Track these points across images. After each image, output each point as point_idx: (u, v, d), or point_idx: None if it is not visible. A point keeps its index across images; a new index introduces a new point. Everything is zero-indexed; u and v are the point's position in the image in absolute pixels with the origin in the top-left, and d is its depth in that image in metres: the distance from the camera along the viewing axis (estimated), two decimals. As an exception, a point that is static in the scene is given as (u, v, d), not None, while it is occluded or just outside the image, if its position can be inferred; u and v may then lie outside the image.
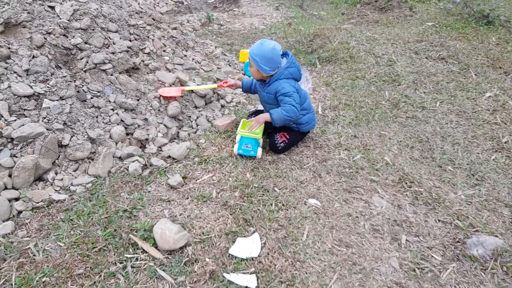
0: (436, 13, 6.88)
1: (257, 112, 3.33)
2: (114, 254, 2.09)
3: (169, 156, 2.98)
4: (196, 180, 2.70)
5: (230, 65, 4.77)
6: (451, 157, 2.98)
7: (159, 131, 3.15)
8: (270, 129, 3.13)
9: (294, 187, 2.65)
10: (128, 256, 2.08)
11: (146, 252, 2.11)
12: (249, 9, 9.33)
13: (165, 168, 2.83)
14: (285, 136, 3.01)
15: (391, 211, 2.47)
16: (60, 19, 3.17)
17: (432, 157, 2.98)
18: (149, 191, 2.61)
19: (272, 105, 2.98)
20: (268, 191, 2.59)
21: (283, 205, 2.49)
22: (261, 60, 2.76)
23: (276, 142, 2.98)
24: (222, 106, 3.76)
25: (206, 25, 7.78)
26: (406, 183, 2.69)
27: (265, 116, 2.90)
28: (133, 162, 2.86)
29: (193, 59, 3.98)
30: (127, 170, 2.78)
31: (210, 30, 7.40)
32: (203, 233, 2.24)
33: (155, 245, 2.15)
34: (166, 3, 10.37)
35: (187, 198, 2.54)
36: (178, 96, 3.37)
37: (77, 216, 2.34)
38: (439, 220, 2.41)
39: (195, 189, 2.60)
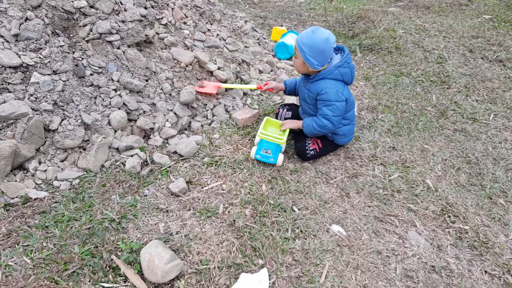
0: (494, 5, 6.08)
1: (287, 107, 2.83)
2: (90, 281, 1.68)
3: (175, 152, 2.53)
4: (202, 187, 2.25)
5: (259, 44, 4.23)
6: (504, 187, 2.44)
7: (167, 120, 2.69)
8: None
9: (317, 207, 2.18)
10: (106, 286, 1.66)
11: (128, 280, 1.70)
12: (287, -21, 8.59)
13: (169, 167, 2.39)
14: (317, 144, 2.54)
15: (429, 253, 1.99)
16: (64, -24, 2.68)
17: (481, 185, 2.44)
18: (145, 195, 2.18)
19: (309, 105, 2.51)
20: (285, 211, 2.12)
21: (301, 231, 2.03)
22: (310, 51, 2.25)
23: (306, 148, 2.50)
24: (245, 94, 3.26)
25: (239, -7, 7.16)
26: (449, 217, 2.19)
27: (298, 124, 2.49)
28: (131, 156, 2.42)
29: (217, 34, 3.46)
30: (124, 165, 2.35)
31: (243, -1, 6.80)
32: (201, 262, 1.81)
33: (141, 271, 1.73)
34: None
35: (189, 209, 2.10)
36: (212, 94, 2.93)
37: (55, 222, 1.94)
38: (485, 272, 1.92)
39: (199, 200, 2.16)
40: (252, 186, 2.26)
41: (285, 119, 2.75)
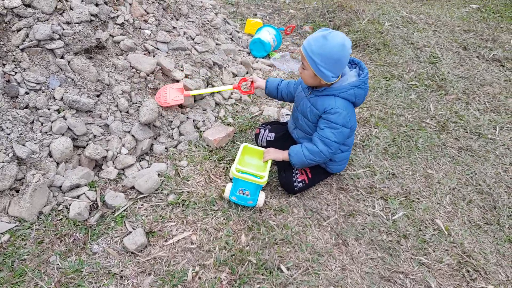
0: (481, -9, 5.76)
1: (269, 127, 2.41)
2: None
3: (133, 187, 2.09)
4: (166, 240, 1.84)
5: (232, 39, 3.75)
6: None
7: (123, 145, 2.24)
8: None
9: (309, 264, 1.81)
10: None
11: None
12: (262, -42, 7.97)
13: (124, 210, 1.96)
14: (306, 174, 2.16)
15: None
16: (-11, -35, 2.13)
17: (498, 223, 2.14)
18: (94, 254, 1.76)
19: (309, 121, 2.08)
20: (271, 273, 1.74)
21: (291, 302, 1.67)
22: (323, 61, 1.80)
23: (293, 180, 2.13)
24: (217, 104, 2.82)
25: (209, -26, 6.54)
26: (468, 272, 1.87)
27: (283, 155, 2.08)
28: (78, 197, 1.97)
29: (184, 33, 2.97)
30: (68, 210, 1.90)
31: (213, -18, 6.20)
32: None
33: None
34: None
35: (149, 274, 1.69)
36: (180, 103, 2.44)
37: (-29, 304, 1.50)
38: None
39: (162, 260, 1.75)
40: (229, 236, 1.87)
41: (267, 143, 2.34)
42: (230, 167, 2.27)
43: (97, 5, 2.51)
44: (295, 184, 2.12)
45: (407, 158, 2.51)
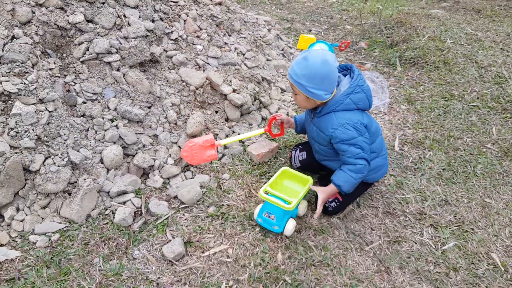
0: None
1: (300, 147, 2.35)
2: None
3: (176, 197, 2.15)
4: (203, 252, 1.85)
5: (284, 55, 3.78)
6: None
7: (170, 155, 2.31)
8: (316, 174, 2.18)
9: (347, 289, 1.74)
10: None
11: None
12: (320, -25, 8.01)
13: (166, 219, 2.01)
14: (338, 193, 2.06)
15: None
16: (60, -15, 2.33)
17: None
18: (134, 259, 1.81)
19: (321, 145, 2.03)
20: (305, 294, 1.69)
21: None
22: (310, 82, 1.78)
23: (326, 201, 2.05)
24: (263, 119, 2.83)
25: (267, -8, 6.68)
26: (525, 313, 1.69)
27: (331, 191, 1.94)
28: (124, 203, 2.05)
29: (235, 48, 3.04)
30: (114, 215, 1.99)
31: (270, -1, 6.33)
32: None
33: None
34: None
35: (184, 284, 1.71)
36: (213, 159, 2.16)
37: (20, 298, 1.59)
38: None
39: (197, 271, 1.76)
40: (265, 253, 1.85)
41: (300, 162, 2.29)
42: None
43: (153, 21, 2.64)
44: (327, 205, 2.05)
45: (463, 185, 2.35)
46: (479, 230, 2.06)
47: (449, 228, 2.05)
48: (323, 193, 1.93)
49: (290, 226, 1.90)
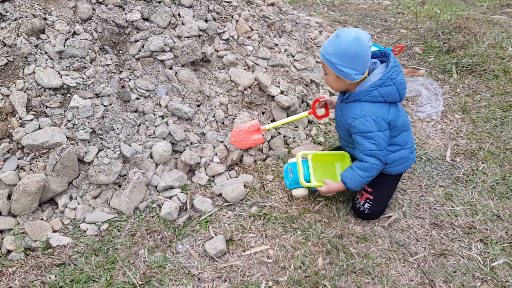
0: None
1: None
2: None
3: (220, 195, 2.17)
4: (244, 251, 1.86)
5: (333, 58, 3.71)
6: None
7: (216, 154, 2.34)
8: None
9: (389, 299, 1.68)
10: None
11: None
12: (374, -23, 7.83)
13: (210, 215, 2.03)
14: (367, 192, 2.01)
15: None
16: (120, -15, 2.42)
17: None
18: (178, 253, 1.85)
19: (343, 131, 2.00)
20: (345, 301, 1.65)
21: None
22: (340, 60, 1.73)
23: (357, 205, 2.02)
24: (310, 122, 2.80)
25: (318, -7, 6.63)
26: None
27: (337, 186, 1.95)
28: (170, 198, 2.10)
29: (285, 50, 3.02)
30: (160, 208, 2.04)
31: (323, 0, 6.26)
32: None
33: None
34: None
35: (225, 280, 1.72)
36: (260, 143, 2.35)
37: (70, 282, 1.67)
38: None
39: (238, 269, 1.77)
40: (306, 257, 1.82)
41: None
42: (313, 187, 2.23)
43: (206, 21, 2.69)
44: (362, 209, 2.00)
45: (518, 200, 2.20)
46: (535, 249, 1.92)
47: (500, 245, 1.93)
48: (328, 186, 1.95)
49: (300, 191, 2.07)
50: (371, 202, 1.99)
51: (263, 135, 2.39)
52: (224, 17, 2.84)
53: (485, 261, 1.85)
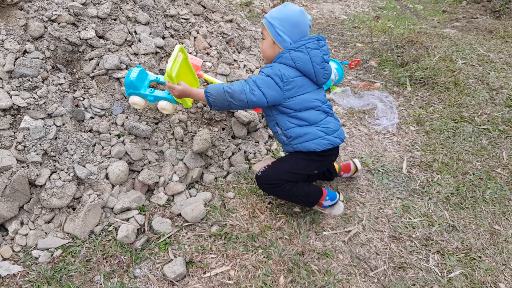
0: None
1: None
2: None
3: (180, 215, 2.14)
4: (204, 273, 1.83)
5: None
6: None
7: (175, 172, 2.31)
8: None
9: (349, 316, 1.70)
10: None
11: None
12: (332, -9, 8.07)
13: (169, 237, 1.99)
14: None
15: None
16: (73, 1, 2.37)
17: None
18: (135, 278, 1.80)
19: (266, 109, 2.05)
20: (306, 321, 1.66)
21: None
22: (282, 25, 1.86)
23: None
24: (270, 137, 2.82)
25: (278, 8, 6.73)
26: None
27: (193, 93, 1.98)
28: (127, 220, 2.05)
29: (244, 65, 3.05)
30: (117, 231, 1.98)
31: (282, 15, 6.36)
32: None
33: None
34: (242, -26, 9.44)
35: (184, 304, 1.69)
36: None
37: (19, 314, 1.59)
38: None
39: (198, 291, 1.74)
40: (267, 276, 1.82)
41: None
42: (276, 201, 2.24)
43: (163, 38, 2.67)
44: (257, 172, 2.07)
45: (471, 210, 2.30)
46: (487, 258, 2.01)
47: (456, 255, 2.00)
48: (183, 87, 1.96)
49: (136, 99, 2.18)
50: (267, 167, 2.04)
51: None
52: (182, 34, 2.83)
53: (443, 272, 1.92)
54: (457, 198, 2.38)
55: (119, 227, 1.99)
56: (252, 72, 3.08)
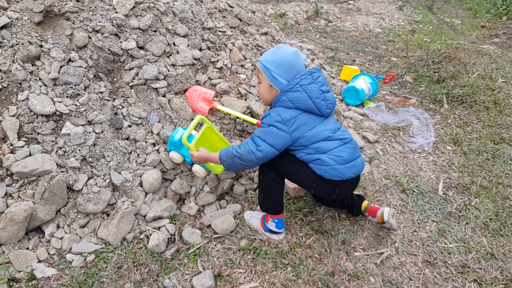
0: None
1: None
2: None
3: (209, 226, 2.15)
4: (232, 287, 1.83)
5: (327, 86, 3.75)
6: None
7: (206, 183, 2.32)
8: None
9: None
10: None
11: None
12: (366, 4, 8.05)
13: (198, 248, 2.00)
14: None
15: None
16: (116, 13, 2.45)
17: None
18: (164, 287, 1.81)
19: None
20: None
21: None
22: (277, 68, 1.83)
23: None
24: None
25: (311, 19, 6.78)
26: None
27: (211, 158, 1.99)
28: (158, 229, 2.08)
29: (279, 78, 3.05)
30: (148, 239, 2.01)
31: (314, 26, 6.39)
32: None
33: None
34: (276, -15, 9.54)
35: (212, 319, 1.68)
36: (204, 115, 2.47)
37: (52, 316, 1.63)
38: None
39: (226, 307, 1.74)
40: (295, 294, 1.80)
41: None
42: (306, 218, 2.22)
43: (200, 50, 2.72)
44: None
45: (511, 238, 2.20)
46: (528, 290, 1.91)
47: (495, 286, 1.91)
48: (200, 153, 2.00)
49: (173, 154, 2.20)
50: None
51: (210, 110, 2.53)
52: (218, 46, 2.87)
53: (478, 302, 1.84)
54: (496, 224, 2.28)
55: (150, 235, 2.02)
56: (286, 85, 3.07)
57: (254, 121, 2.50)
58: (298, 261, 1.96)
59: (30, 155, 2.00)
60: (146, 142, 2.29)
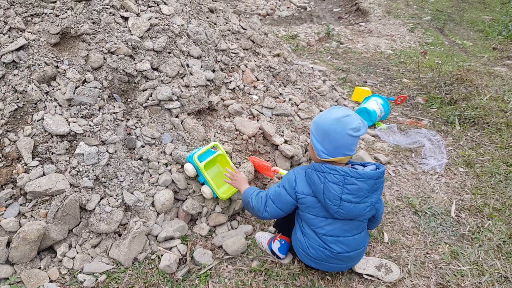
0: None
1: None
2: None
3: (221, 247, 2.13)
4: (243, 310, 1.80)
5: (337, 107, 3.76)
6: None
7: (218, 203, 2.32)
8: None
9: None
10: None
11: None
12: (378, 26, 8.11)
13: (210, 269, 1.99)
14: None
15: None
16: (131, 35, 2.51)
17: None
18: (175, 309, 1.79)
19: None
20: None
21: None
22: (316, 131, 1.73)
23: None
24: (314, 172, 2.79)
25: (323, 41, 6.85)
26: None
27: (241, 187, 2.11)
28: (170, 249, 2.07)
29: (290, 99, 3.07)
30: (159, 260, 2.00)
31: (326, 48, 6.45)
32: None
33: None
34: (288, 7, 9.69)
35: None
36: (268, 175, 2.49)
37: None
38: None
39: (237, 330, 1.71)
40: (307, 319, 1.76)
41: None
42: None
43: (213, 71, 2.75)
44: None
45: (526, 260, 2.15)
46: (547, 318, 1.85)
47: (512, 312, 1.86)
48: (240, 176, 2.18)
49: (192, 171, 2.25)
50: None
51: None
52: (231, 68, 2.91)
53: (494, 329, 1.78)
54: (510, 246, 2.23)
55: (161, 255, 2.01)
56: (297, 105, 3.10)
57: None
58: (310, 283, 1.93)
59: (44, 174, 2.02)
60: (158, 162, 2.30)
